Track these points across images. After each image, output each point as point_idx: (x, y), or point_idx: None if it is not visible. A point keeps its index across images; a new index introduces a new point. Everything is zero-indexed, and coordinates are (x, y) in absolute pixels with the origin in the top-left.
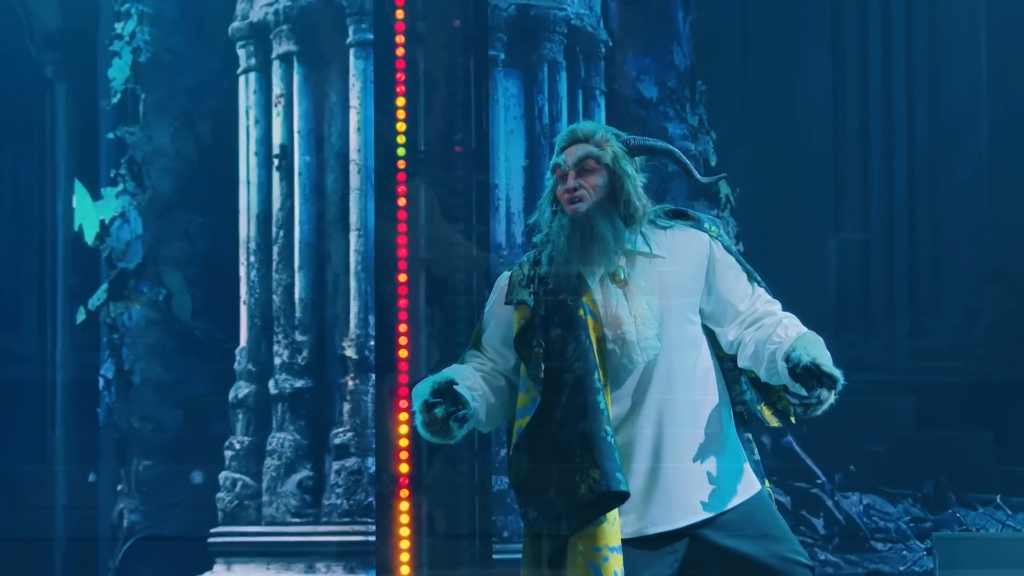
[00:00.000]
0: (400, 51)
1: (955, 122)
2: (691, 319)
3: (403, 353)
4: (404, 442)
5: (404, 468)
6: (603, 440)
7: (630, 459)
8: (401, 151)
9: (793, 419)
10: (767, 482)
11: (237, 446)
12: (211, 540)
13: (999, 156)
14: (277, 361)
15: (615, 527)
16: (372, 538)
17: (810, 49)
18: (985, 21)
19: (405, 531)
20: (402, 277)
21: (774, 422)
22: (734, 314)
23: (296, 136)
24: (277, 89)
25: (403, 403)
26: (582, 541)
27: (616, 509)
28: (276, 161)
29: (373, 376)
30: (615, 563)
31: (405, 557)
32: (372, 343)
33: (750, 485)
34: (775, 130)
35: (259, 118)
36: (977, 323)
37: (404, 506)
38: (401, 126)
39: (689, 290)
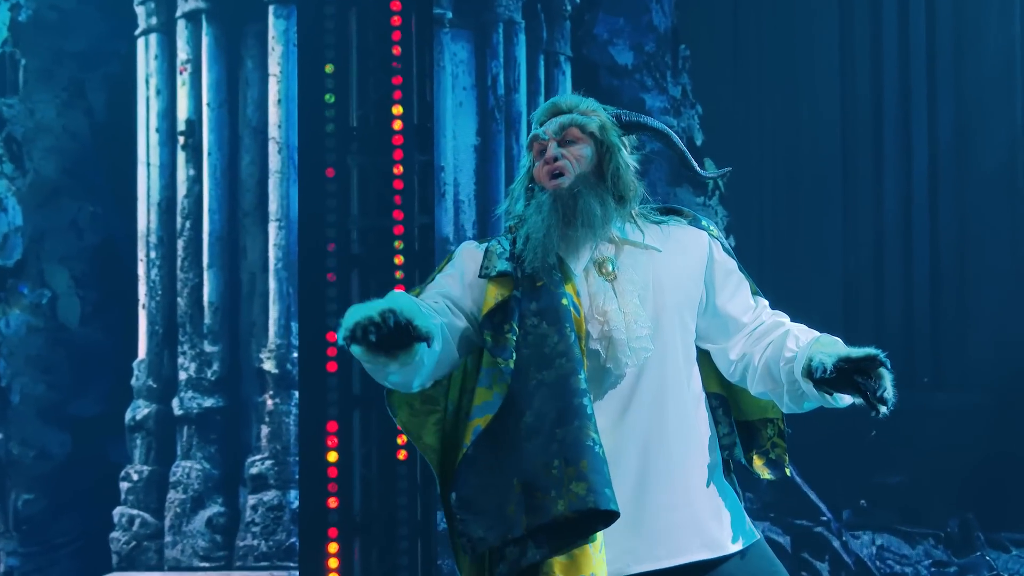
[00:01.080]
0: (328, 9)
1: (984, 95)
2: (688, 326)
3: (332, 367)
4: (333, 472)
5: (333, 503)
6: (590, 450)
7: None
8: (330, 127)
9: (788, 470)
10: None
11: (135, 477)
12: None
13: None
14: (183, 376)
15: (601, 555)
16: None
17: (814, 8)
18: None
19: None
20: (331, 276)
21: (766, 473)
22: (736, 328)
23: (205, 109)
24: (183, 54)
25: (332, 426)
26: (563, 570)
27: (601, 536)
28: (182, 139)
29: (296, 394)
30: None
31: None
32: (295, 355)
33: (749, 531)
34: (772, 103)
35: (161, 88)
36: (1010, 331)
37: (333, 548)
38: (330, 98)
39: (688, 293)
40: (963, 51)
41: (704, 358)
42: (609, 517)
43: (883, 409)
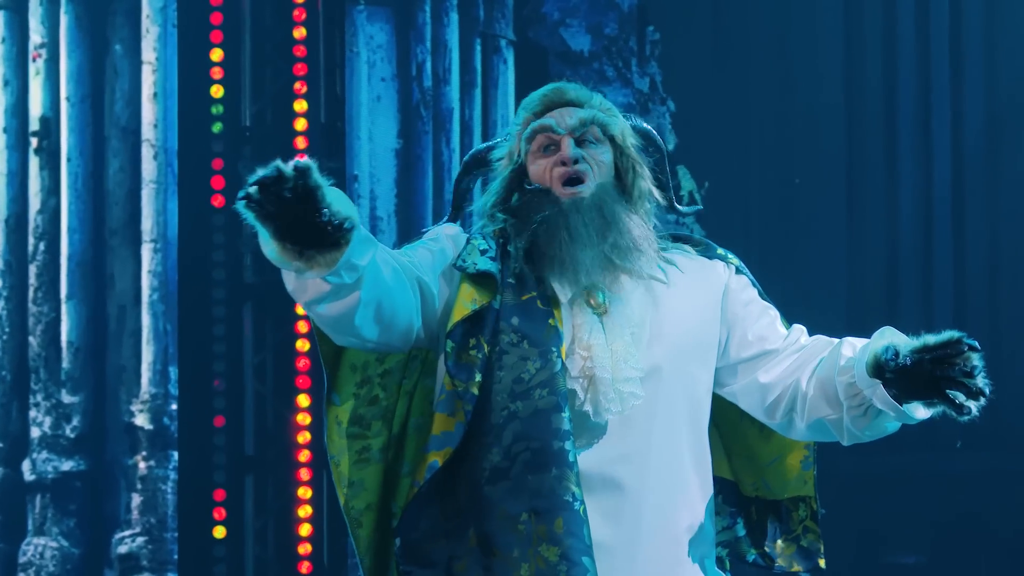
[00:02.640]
0: None
1: (1019, 84)
2: (697, 379)
3: (219, 421)
4: (221, 551)
5: None
6: (568, 506)
7: None
8: (217, 127)
9: (822, 561)
10: None
11: None
12: None
13: None
14: (35, 433)
15: None
16: None
17: None
18: None
19: None
20: (219, 311)
21: (795, 566)
22: (764, 357)
23: (64, 104)
24: (36, 36)
25: (219, 494)
26: None
27: None
28: (35, 141)
29: (175, 455)
30: None
31: None
32: (175, 407)
33: None
34: (760, 97)
35: (10, 78)
36: None
37: None
38: (217, 91)
39: (696, 338)
40: (994, 32)
41: (710, 435)
42: None
43: (973, 407)
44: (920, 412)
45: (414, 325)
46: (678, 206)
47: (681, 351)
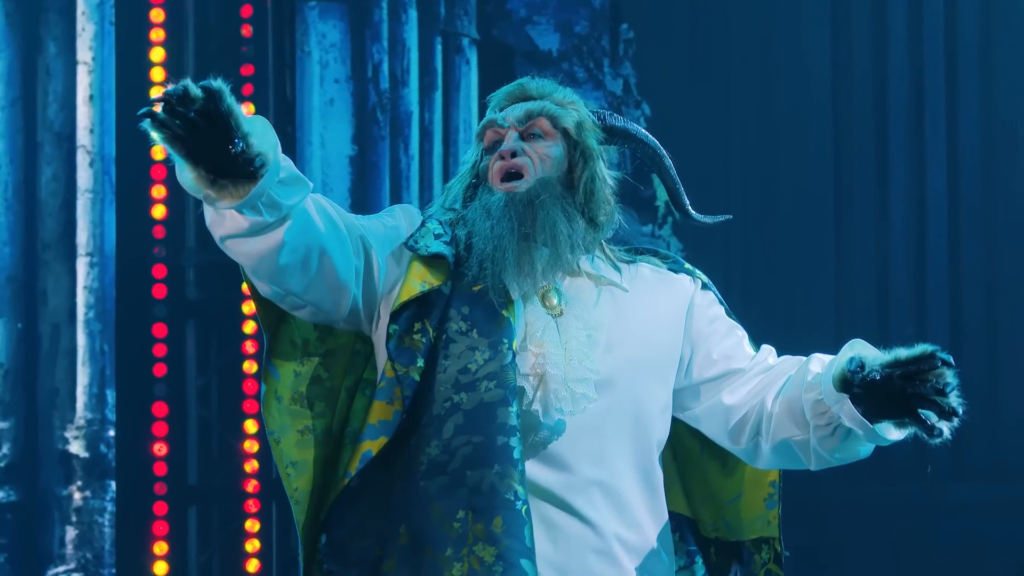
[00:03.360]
0: None
1: (1016, 82)
2: (653, 395)
3: (161, 448)
4: None
5: None
6: (510, 505)
7: None
8: None
9: None
10: None
11: None
12: None
13: None
14: None
15: None
16: None
17: None
18: None
19: None
20: (160, 330)
21: None
22: (730, 376)
23: None
24: None
25: (160, 527)
26: None
27: None
28: None
29: (113, 484)
30: None
31: None
32: (112, 433)
33: None
34: (743, 100)
35: None
36: None
37: None
38: (157, 93)
39: (655, 351)
40: (990, 27)
41: (668, 469)
42: None
43: (945, 429)
44: (892, 433)
45: (349, 288)
46: (693, 213)
47: (639, 363)
